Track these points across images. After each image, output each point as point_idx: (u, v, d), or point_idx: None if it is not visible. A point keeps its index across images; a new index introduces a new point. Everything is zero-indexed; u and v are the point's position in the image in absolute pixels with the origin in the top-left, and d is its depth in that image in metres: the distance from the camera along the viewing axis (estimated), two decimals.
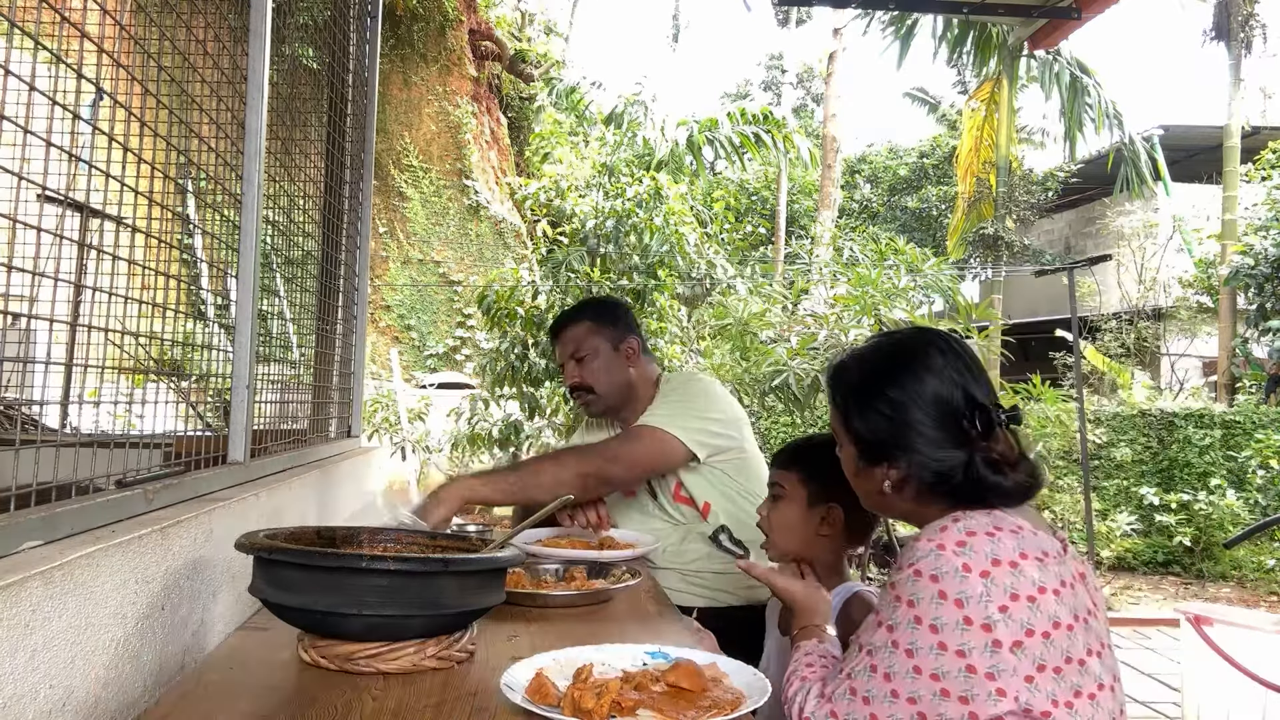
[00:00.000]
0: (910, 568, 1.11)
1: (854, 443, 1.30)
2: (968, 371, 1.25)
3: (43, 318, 1.14)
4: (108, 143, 1.19)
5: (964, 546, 1.09)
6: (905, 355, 1.27)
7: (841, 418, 1.31)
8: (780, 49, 27.25)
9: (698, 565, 2.13)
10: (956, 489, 1.20)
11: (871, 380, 1.28)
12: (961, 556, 1.08)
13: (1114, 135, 11.13)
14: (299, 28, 2.32)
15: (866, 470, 1.29)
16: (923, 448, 1.22)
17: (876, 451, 1.26)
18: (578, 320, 2.25)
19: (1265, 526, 5.13)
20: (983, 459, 1.19)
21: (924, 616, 1.08)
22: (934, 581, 1.08)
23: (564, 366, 2.26)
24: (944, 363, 1.24)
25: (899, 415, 1.23)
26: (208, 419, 2.53)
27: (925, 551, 1.11)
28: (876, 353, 1.32)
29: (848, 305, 5.30)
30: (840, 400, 1.32)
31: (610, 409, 2.26)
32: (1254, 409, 8.09)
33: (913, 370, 1.24)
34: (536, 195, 5.74)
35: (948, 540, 1.10)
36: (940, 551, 1.10)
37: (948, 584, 1.08)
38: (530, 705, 1.02)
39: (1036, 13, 4.00)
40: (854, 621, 1.54)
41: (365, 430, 5.35)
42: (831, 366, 1.37)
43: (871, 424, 1.26)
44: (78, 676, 0.96)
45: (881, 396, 1.25)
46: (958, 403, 1.22)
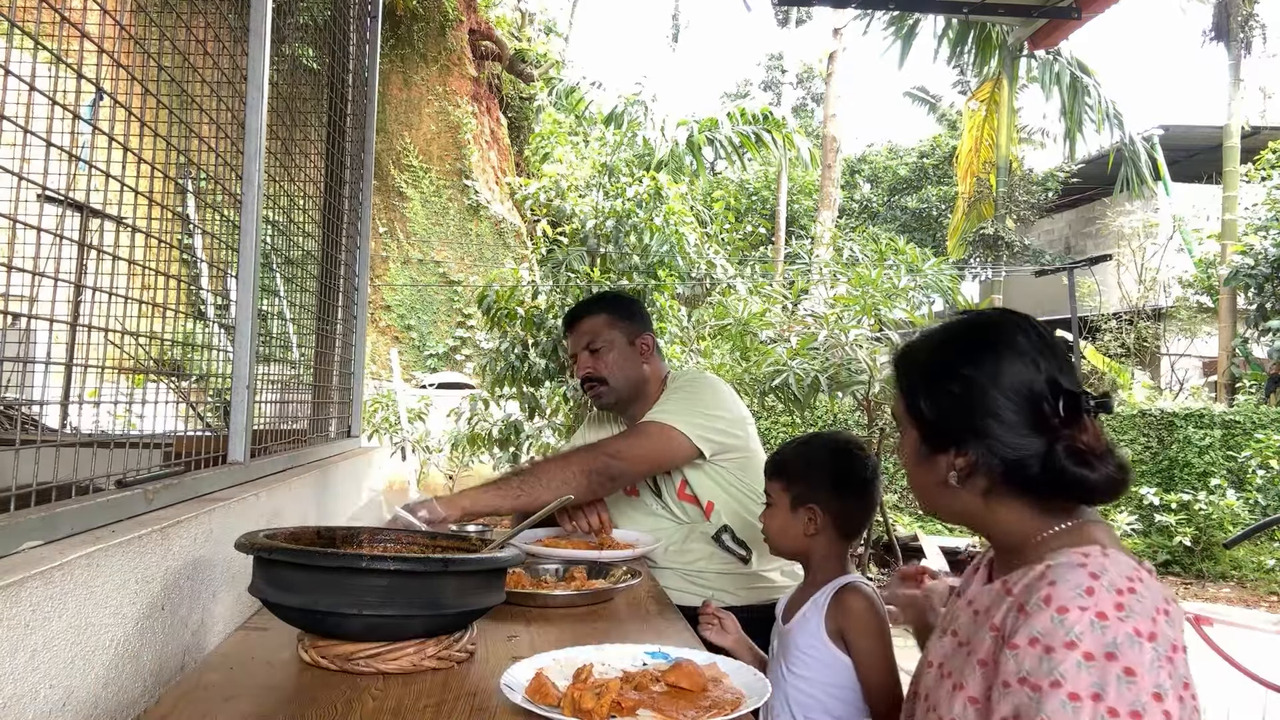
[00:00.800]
0: (1073, 649, 0.91)
1: (918, 428, 1.18)
2: (1053, 356, 1.12)
3: (43, 318, 1.14)
4: (108, 143, 1.19)
5: (1125, 610, 0.93)
6: (986, 333, 1.15)
7: (906, 400, 1.19)
8: (780, 49, 27.28)
9: (700, 565, 2.13)
10: (1032, 481, 1.07)
11: (944, 358, 1.16)
12: (1129, 621, 0.92)
13: (1114, 135, 11.14)
14: (299, 28, 2.32)
15: (929, 459, 1.16)
16: (997, 432, 1.09)
17: (943, 436, 1.14)
18: (595, 312, 2.25)
19: (1265, 526, 5.13)
20: (1065, 448, 1.06)
21: (1120, 708, 0.88)
22: (1112, 660, 0.90)
23: (576, 357, 2.26)
24: (1028, 344, 1.12)
25: (972, 395, 1.11)
26: (208, 419, 2.53)
27: (1086, 624, 0.92)
28: (952, 330, 1.20)
29: (848, 305, 5.30)
30: (906, 381, 1.20)
31: (620, 402, 2.26)
32: (1254, 409, 8.10)
33: (993, 348, 1.12)
34: (536, 195, 5.74)
35: (1104, 604, 0.93)
36: (1105, 623, 0.91)
37: (1131, 658, 0.90)
38: (530, 705, 1.02)
39: (1036, 13, 4.00)
40: (846, 611, 1.57)
41: (365, 430, 5.35)
42: (899, 348, 1.26)
43: (940, 405, 1.14)
44: (78, 676, 0.96)
45: (954, 375, 1.13)
46: (1040, 386, 1.09)
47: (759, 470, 2.15)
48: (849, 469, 1.68)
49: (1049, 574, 0.99)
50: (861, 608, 1.57)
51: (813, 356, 4.92)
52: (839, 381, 4.83)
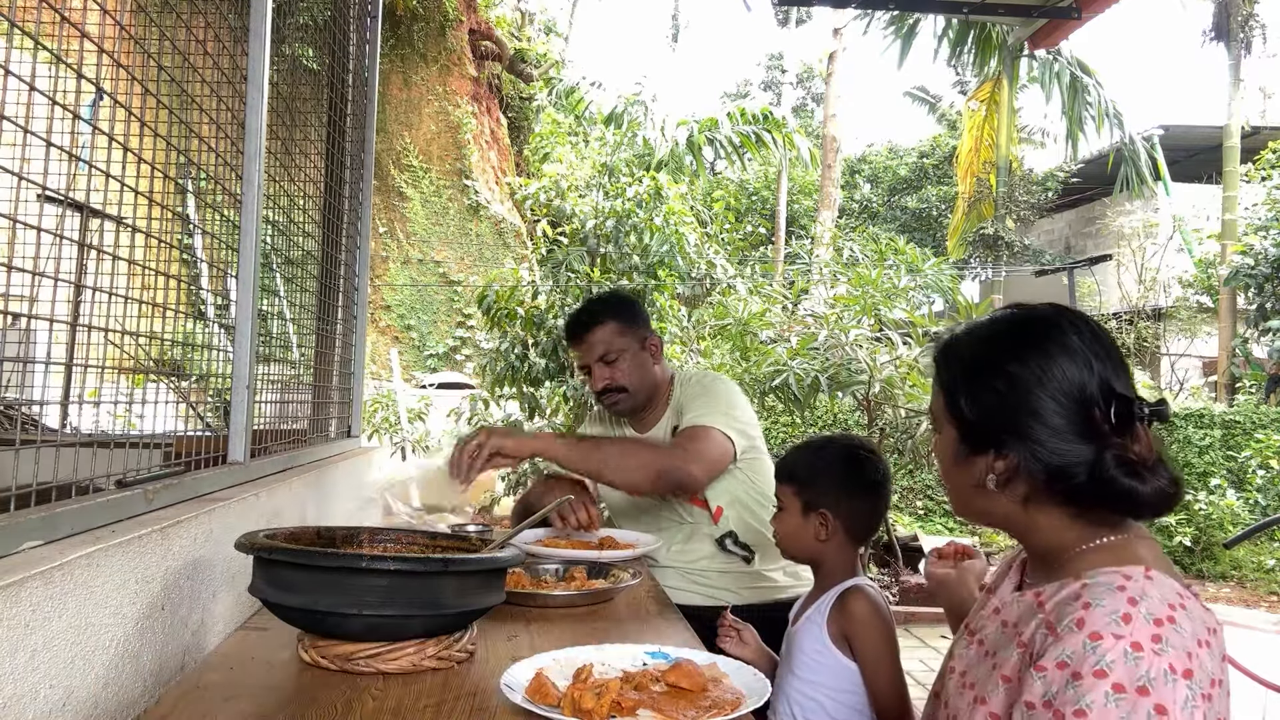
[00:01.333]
0: (1102, 678, 0.86)
1: (957, 426, 1.10)
2: (1108, 357, 1.05)
3: (43, 318, 1.14)
4: (108, 143, 1.19)
5: (1161, 641, 0.88)
6: (1036, 329, 1.07)
7: (946, 397, 1.12)
8: (780, 49, 27.29)
9: (702, 565, 2.13)
10: (1077, 490, 1.01)
11: (990, 353, 1.09)
12: (1165, 656, 0.87)
13: (1114, 135, 11.14)
14: (299, 28, 2.32)
15: (967, 460, 1.09)
16: (1042, 435, 1.02)
17: (983, 437, 1.07)
18: (602, 320, 2.20)
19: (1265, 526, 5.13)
20: (1115, 458, 0.99)
21: None
22: (1144, 695, 0.85)
23: (589, 369, 2.22)
24: (1081, 343, 1.04)
25: (1017, 394, 1.04)
26: (208, 419, 2.53)
27: (1119, 655, 0.87)
28: (999, 324, 1.13)
29: (848, 305, 5.30)
30: (946, 376, 1.13)
31: (637, 407, 2.24)
32: (1254, 409, 8.10)
33: (1043, 346, 1.05)
34: (536, 195, 5.74)
35: (1141, 636, 0.88)
36: (1139, 654, 0.86)
37: (1163, 695, 0.85)
38: (530, 705, 1.02)
39: (1036, 13, 4.00)
40: (850, 614, 1.55)
41: (365, 430, 5.35)
42: (941, 340, 1.18)
43: (983, 403, 1.07)
44: (78, 676, 0.96)
45: (999, 372, 1.05)
46: (1092, 390, 1.02)
47: (767, 472, 2.15)
48: (860, 473, 1.66)
49: (1085, 594, 0.94)
50: (865, 611, 1.56)
51: (813, 356, 4.92)
52: (839, 381, 4.83)
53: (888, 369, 4.88)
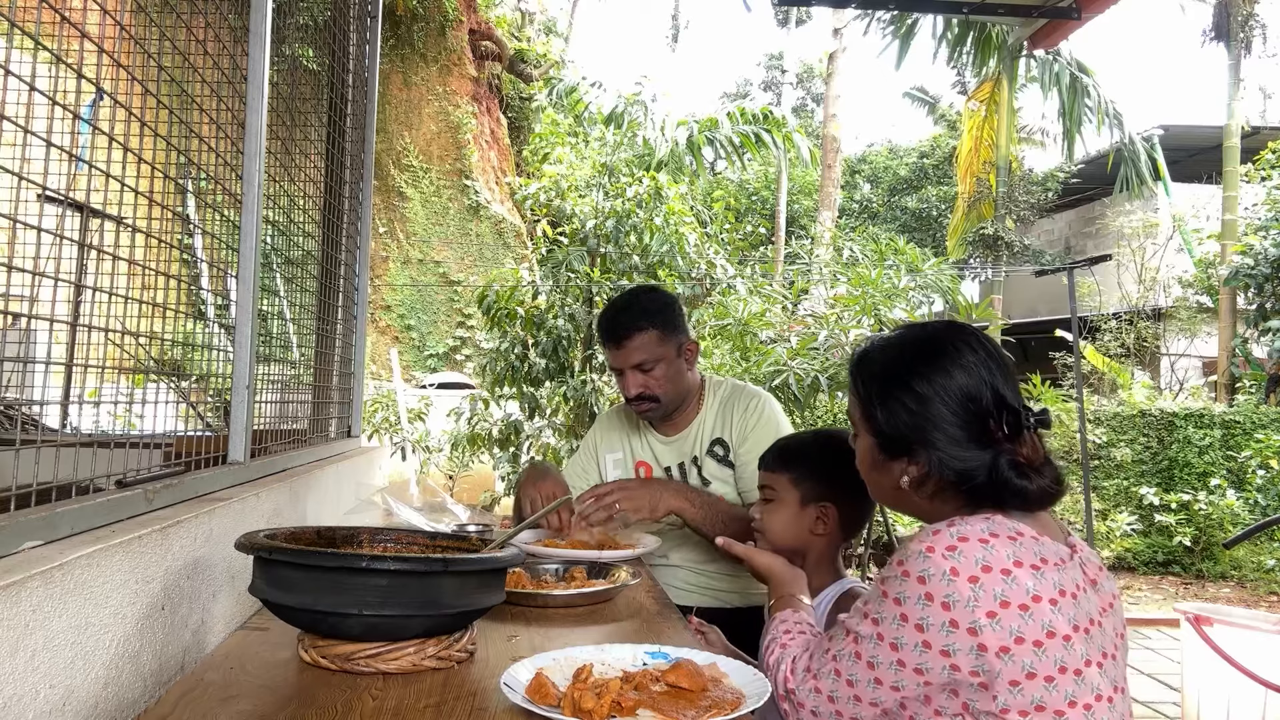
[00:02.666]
0: (900, 566, 1.11)
1: (873, 434, 1.25)
2: (998, 371, 1.20)
3: (43, 318, 1.14)
4: (108, 143, 1.19)
5: (954, 551, 1.07)
6: (934, 348, 1.22)
7: (862, 407, 1.27)
8: (780, 49, 27.26)
9: (713, 568, 2.13)
10: (977, 490, 1.17)
11: (897, 371, 1.23)
12: (950, 561, 1.07)
13: (1114, 135, 11.14)
14: (299, 28, 2.32)
15: (884, 464, 1.25)
16: (945, 445, 1.18)
17: (896, 445, 1.22)
18: (643, 327, 2.09)
19: (1265, 526, 5.13)
20: (1008, 461, 1.15)
21: (910, 615, 1.08)
22: (921, 583, 1.08)
23: (621, 372, 2.13)
24: (974, 359, 1.20)
25: (923, 410, 1.19)
26: (208, 419, 2.53)
27: (915, 553, 1.10)
28: (904, 343, 1.27)
29: (848, 305, 5.30)
30: (862, 389, 1.27)
31: (668, 414, 2.20)
32: (1254, 409, 8.10)
33: (941, 365, 1.20)
34: (536, 195, 5.73)
35: (938, 544, 1.09)
36: (929, 555, 1.08)
37: (934, 587, 1.07)
38: (530, 705, 1.02)
39: (1036, 13, 4.01)
40: None
41: (365, 430, 5.35)
42: (856, 353, 1.32)
43: (893, 416, 1.22)
44: (78, 676, 0.96)
45: (906, 389, 1.21)
46: (986, 402, 1.18)
47: None
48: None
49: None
50: None
51: (813, 356, 4.92)
52: (839, 381, 4.83)
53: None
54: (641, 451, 2.28)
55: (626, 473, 2.28)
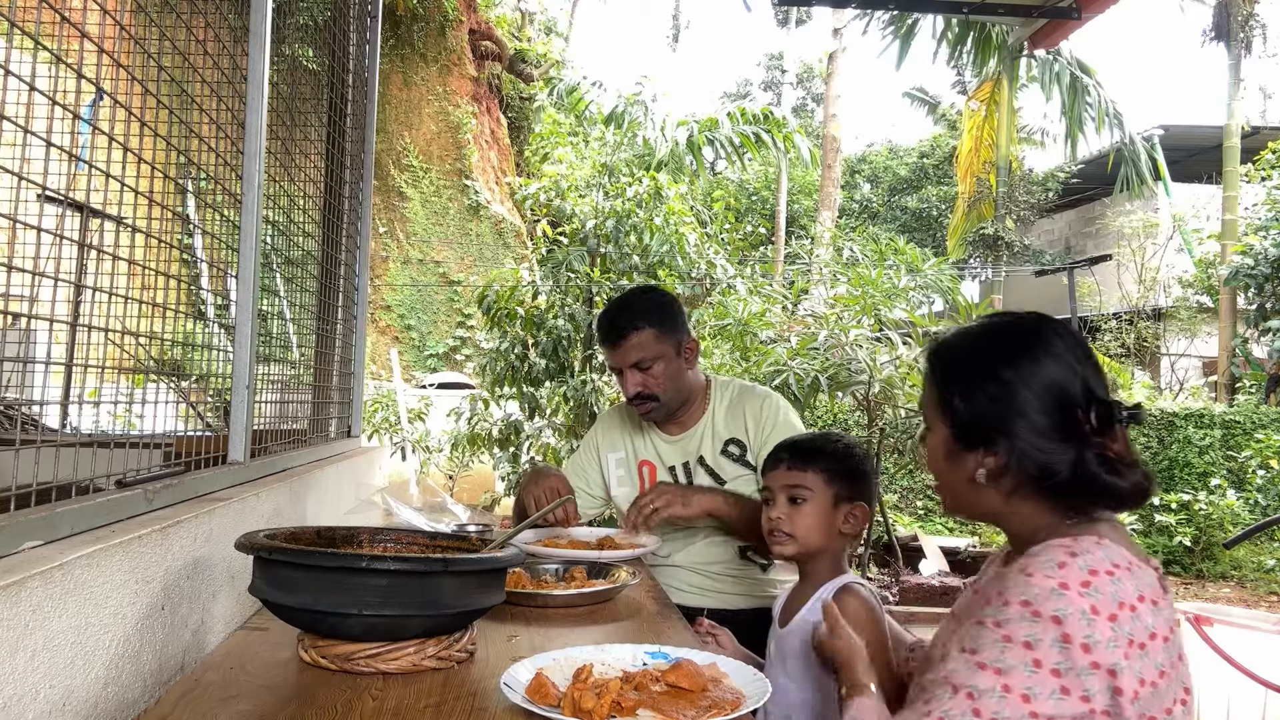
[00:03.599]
0: (1025, 606, 1.00)
1: (950, 424, 1.18)
2: (1089, 363, 1.14)
3: (43, 318, 1.14)
4: (108, 143, 1.19)
5: (1089, 587, 0.99)
6: (1025, 336, 1.16)
7: (938, 396, 1.20)
8: (780, 49, 27.25)
9: (718, 569, 2.13)
10: (1060, 486, 1.10)
11: (983, 357, 1.17)
12: (1088, 598, 0.98)
13: (1114, 135, 11.14)
14: (299, 28, 2.32)
15: (958, 456, 1.17)
16: (1027, 435, 1.11)
17: (974, 434, 1.15)
18: (640, 325, 2.09)
19: (1265, 526, 5.13)
20: (1097, 456, 1.09)
21: (1044, 660, 0.98)
22: (1057, 624, 0.98)
23: (621, 371, 2.13)
24: (1065, 348, 1.14)
25: (1006, 396, 1.12)
26: (208, 419, 2.53)
27: (1045, 590, 0.99)
28: (991, 330, 1.21)
29: (848, 305, 5.30)
30: (940, 376, 1.21)
31: (670, 413, 2.20)
32: (1254, 409, 8.10)
33: (1031, 352, 1.14)
34: (536, 195, 5.73)
35: (1070, 579, 0.99)
36: (1064, 592, 0.99)
37: (1073, 627, 0.97)
38: (530, 705, 1.02)
39: (1036, 12, 4.00)
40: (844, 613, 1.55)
41: (365, 430, 5.35)
42: (935, 342, 1.26)
43: (975, 403, 1.15)
44: (78, 676, 0.96)
45: (991, 375, 1.14)
46: (1075, 393, 1.11)
47: None
48: (870, 468, 1.69)
49: (1037, 551, 1.06)
50: (860, 609, 1.55)
51: (813, 356, 4.91)
52: (839, 381, 4.83)
53: (888, 369, 4.88)
54: (645, 450, 2.27)
55: (629, 471, 2.28)
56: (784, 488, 1.64)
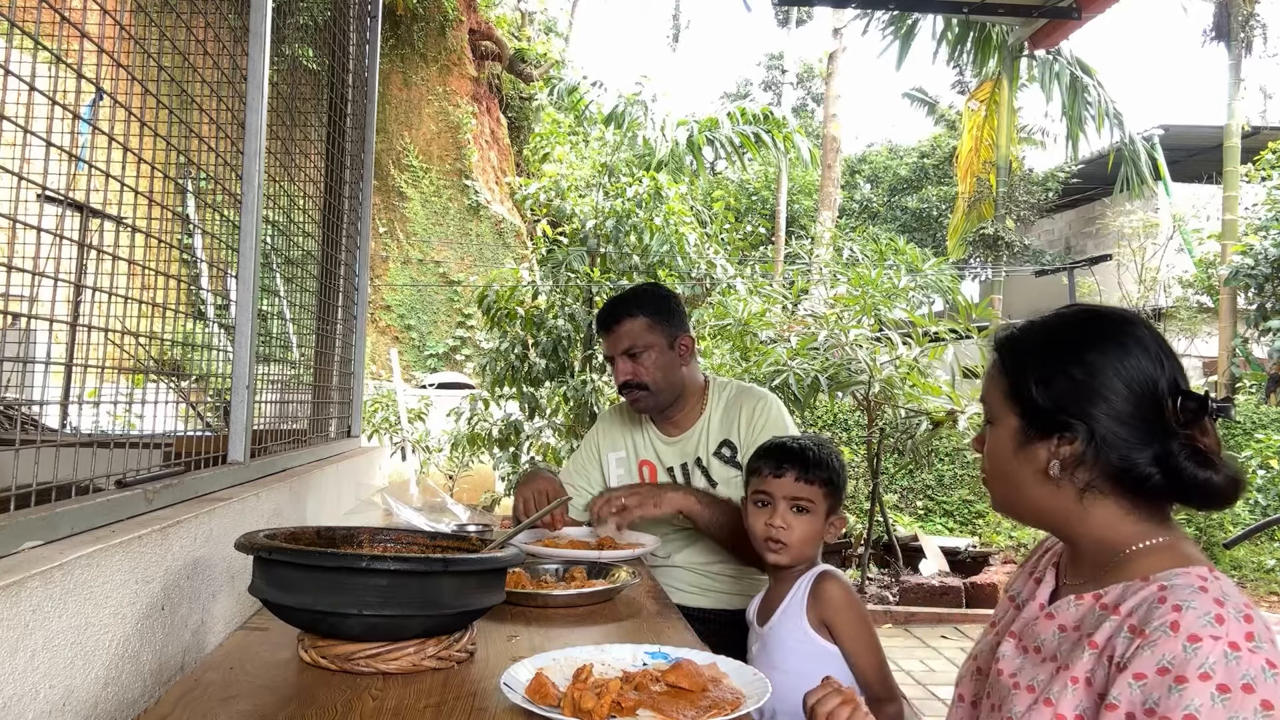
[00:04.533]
0: (1206, 681, 0.87)
1: (1020, 413, 1.10)
2: (1174, 358, 1.08)
3: (43, 318, 1.14)
4: (108, 143, 1.19)
5: (1255, 639, 0.89)
6: (1112, 324, 1.09)
7: (1008, 385, 1.12)
8: (780, 49, 27.26)
9: (715, 569, 2.13)
10: (1142, 481, 1.03)
11: (1066, 341, 1.09)
12: (1261, 652, 0.88)
13: (1114, 135, 11.13)
14: (299, 28, 2.32)
15: (1030, 446, 1.08)
16: (1108, 421, 1.03)
17: (1050, 421, 1.06)
18: (634, 314, 2.14)
19: (1265, 526, 5.13)
20: (1184, 448, 1.01)
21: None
22: (1249, 693, 0.86)
23: (613, 360, 2.18)
24: (1152, 340, 1.07)
25: (1092, 379, 1.05)
26: (208, 419, 2.53)
27: (1216, 653, 0.88)
28: (1075, 318, 1.13)
29: (848, 305, 5.30)
30: (1012, 365, 1.12)
31: (659, 406, 2.20)
32: (1254, 409, 8.10)
33: (1120, 339, 1.07)
34: (536, 195, 5.73)
35: (1235, 634, 0.89)
36: (1237, 654, 0.88)
37: (1266, 689, 0.86)
38: (530, 705, 1.02)
39: (1036, 12, 4.00)
40: (827, 599, 1.57)
41: (365, 430, 5.35)
42: (1005, 331, 1.17)
43: (1055, 387, 1.07)
44: (78, 676, 0.96)
45: (1075, 358, 1.07)
46: (1163, 385, 1.04)
47: None
48: None
49: (1170, 596, 0.94)
50: (841, 593, 1.59)
51: (813, 356, 4.92)
52: (839, 381, 4.83)
53: (888, 369, 4.88)
54: (644, 450, 2.27)
55: (629, 471, 2.28)
56: (789, 498, 1.65)
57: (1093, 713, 0.96)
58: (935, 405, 4.89)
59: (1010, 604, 1.22)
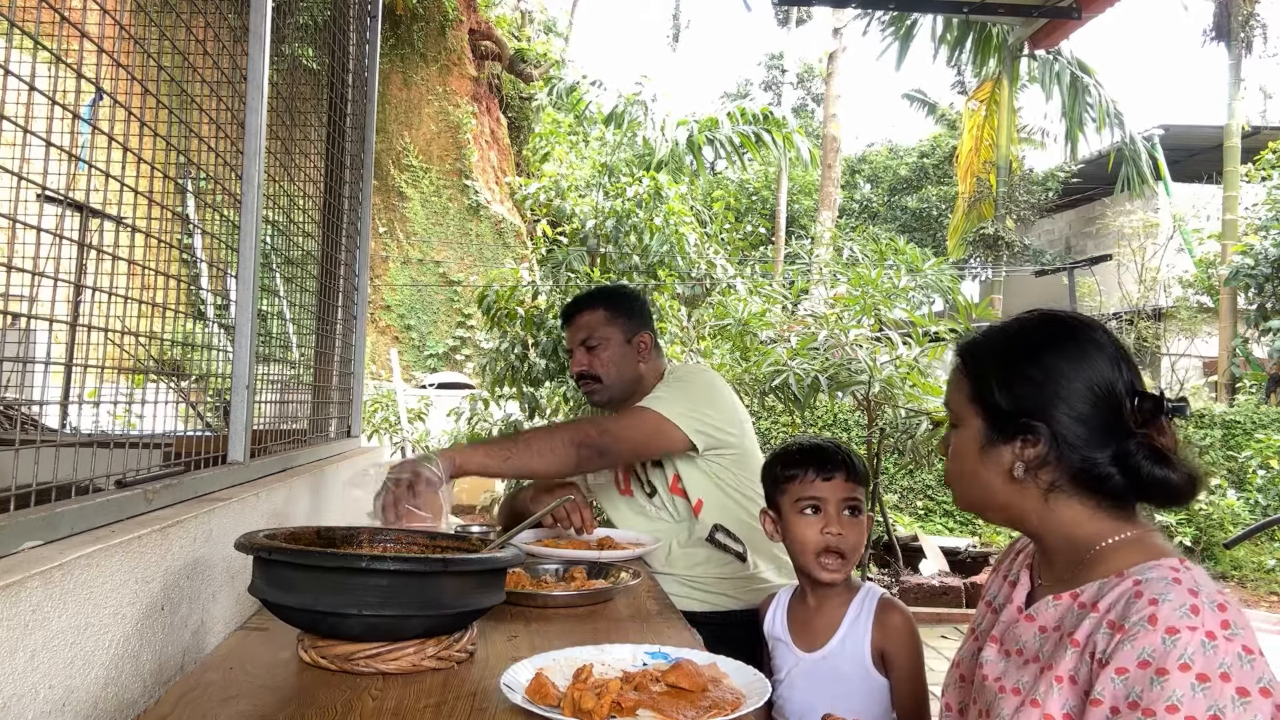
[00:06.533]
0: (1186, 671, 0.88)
1: (984, 416, 1.12)
2: (1129, 361, 1.11)
3: (43, 318, 1.14)
4: (108, 143, 1.19)
5: (1230, 627, 0.91)
6: (1071, 327, 1.12)
7: (971, 388, 1.14)
8: (780, 49, 27.26)
9: (699, 570, 2.12)
10: (1103, 480, 1.05)
11: (1024, 345, 1.12)
12: (1237, 639, 0.90)
13: (1114, 135, 11.13)
14: (299, 28, 2.32)
15: (993, 450, 1.10)
16: (1068, 422, 1.05)
17: (1013, 423, 1.08)
18: (593, 307, 2.22)
19: (1265, 526, 5.13)
20: (1141, 447, 1.04)
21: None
22: (1226, 680, 0.88)
23: (573, 352, 2.24)
24: (1109, 343, 1.10)
25: (1050, 381, 1.07)
26: (208, 419, 2.53)
27: (1194, 644, 0.89)
28: (1032, 322, 1.16)
29: (848, 305, 5.30)
30: (976, 366, 1.15)
31: (614, 400, 2.23)
32: (1254, 409, 8.10)
33: (1078, 342, 1.09)
34: (536, 195, 5.74)
35: (1209, 623, 0.91)
36: (1214, 643, 0.89)
37: (1240, 676, 0.88)
38: (530, 705, 1.01)
39: (1036, 12, 4.00)
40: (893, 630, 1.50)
41: (365, 430, 5.35)
42: (970, 337, 1.20)
43: (1015, 389, 1.09)
44: (77, 676, 0.96)
45: (1033, 360, 1.09)
46: (1120, 386, 1.06)
47: (754, 469, 2.13)
48: None
49: (1146, 590, 0.96)
50: (908, 625, 1.52)
51: (813, 356, 4.91)
52: (839, 381, 4.83)
53: (888, 369, 4.87)
54: None
55: (609, 474, 2.30)
56: (842, 500, 1.56)
57: (1079, 710, 0.97)
58: (935, 405, 4.88)
59: (988, 609, 1.23)
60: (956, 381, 1.18)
